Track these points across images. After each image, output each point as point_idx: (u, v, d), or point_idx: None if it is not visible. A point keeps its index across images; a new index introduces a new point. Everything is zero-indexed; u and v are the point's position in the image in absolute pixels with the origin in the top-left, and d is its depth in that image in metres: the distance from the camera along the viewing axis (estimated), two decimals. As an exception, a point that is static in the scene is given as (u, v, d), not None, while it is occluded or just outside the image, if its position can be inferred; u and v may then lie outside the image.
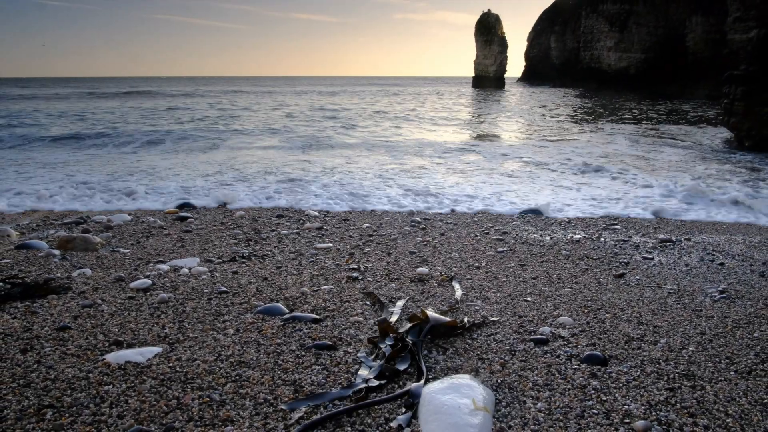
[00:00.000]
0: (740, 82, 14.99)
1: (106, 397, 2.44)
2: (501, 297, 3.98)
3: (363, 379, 2.64)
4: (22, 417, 2.27)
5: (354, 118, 26.27)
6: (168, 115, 27.23)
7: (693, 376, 2.77)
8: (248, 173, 10.84)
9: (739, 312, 3.79)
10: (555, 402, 2.48)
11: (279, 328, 3.29)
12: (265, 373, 2.70)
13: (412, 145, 16.64)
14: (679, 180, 10.31)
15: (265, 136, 18.70)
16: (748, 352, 3.09)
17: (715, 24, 47.78)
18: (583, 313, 3.67)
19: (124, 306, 3.64)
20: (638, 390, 2.61)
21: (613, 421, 2.33)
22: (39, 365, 2.73)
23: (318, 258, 5.00)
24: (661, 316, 3.65)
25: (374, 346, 3.00)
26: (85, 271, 4.41)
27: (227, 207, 7.76)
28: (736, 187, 9.73)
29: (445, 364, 2.86)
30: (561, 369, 2.80)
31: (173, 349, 2.97)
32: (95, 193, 8.67)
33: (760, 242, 5.95)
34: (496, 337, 3.22)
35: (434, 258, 5.08)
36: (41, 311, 3.50)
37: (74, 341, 3.04)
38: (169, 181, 9.92)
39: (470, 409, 2.30)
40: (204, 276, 4.35)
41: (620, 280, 4.50)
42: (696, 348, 3.13)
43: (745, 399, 2.56)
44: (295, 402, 2.43)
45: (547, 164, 12.72)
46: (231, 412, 2.34)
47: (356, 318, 3.48)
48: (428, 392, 2.44)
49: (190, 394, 2.48)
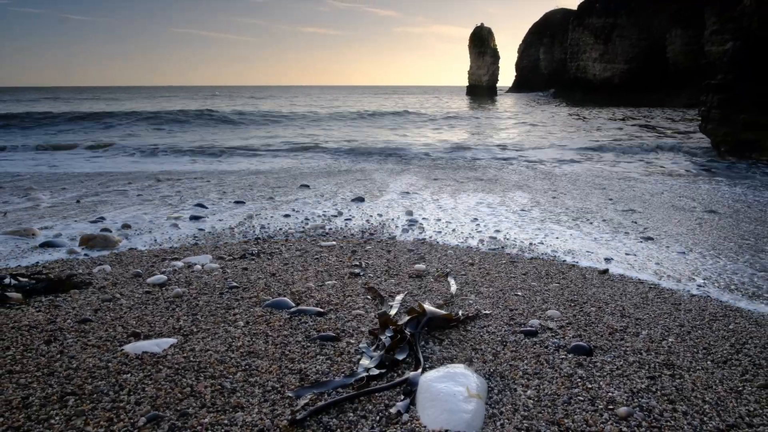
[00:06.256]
0: (717, 91, 14.99)
1: (124, 385, 2.45)
2: (493, 291, 3.98)
3: (364, 368, 2.64)
4: (46, 404, 2.28)
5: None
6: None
7: (672, 365, 2.77)
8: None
9: (716, 305, 3.79)
10: (543, 389, 2.48)
11: (286, 320, 3.29)
12: (273, 362, 2.70)
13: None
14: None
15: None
16: (724, 343, 3.09)
17: (693, 36, 47.76)
18: (570, 306, 3.67)
19: (142, 300, 3.64)
20: (621, 378, 2.61)
21: (597, 408, 2.33)
22: (62, 355, 2.73)
23: (322, 255, 5.00)
24: (642, 309, 3.65)
25: (375, 338, 3.00)
26: (105, 268, 4.41)
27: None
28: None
29: (441, 354, 2.86)
30: (549, 359, 2.80)
31: (187, 340, 2.97)
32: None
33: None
34: (488, 329, 3.22)
35: (431, 255, 5.07)
36: (64, 305, 3.50)
37: (95, 333, 3.04)
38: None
39: (464, 396, 2.30)
40: (216, 272, 4.35)
41: (604, 276, 4.49)
42: (675, 339, 3.13)
43: (721, 387, 2.56)
44: (300, 390, 2.43)
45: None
46: (241, 399, 2.34)
47: (358, 311, 3.48)
48: (425, 380, 2.44)
49: (203, 383, 2.48)
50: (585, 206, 7.92)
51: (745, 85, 14.31)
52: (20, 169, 12.14)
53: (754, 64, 14.28)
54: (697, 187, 10.26)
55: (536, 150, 17.53)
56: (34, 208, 7.40)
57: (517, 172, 12.29)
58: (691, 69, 46.69)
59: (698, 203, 8.40)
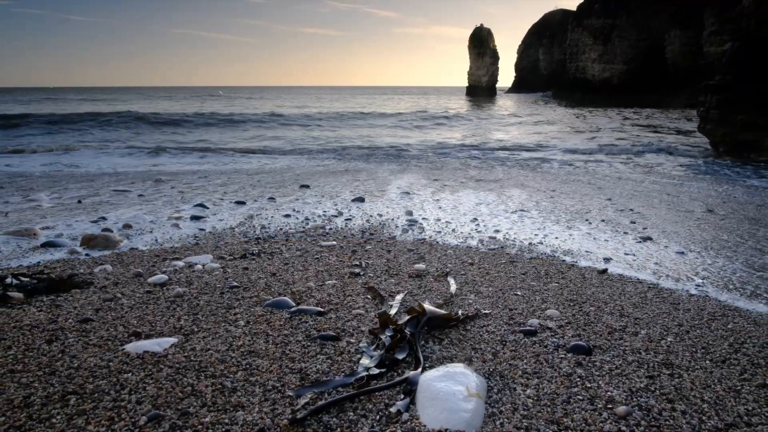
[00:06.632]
0: (715, 92, 14.99)
1: (125, 384, 2.44)
2: (493, 291, 3.98)
3: (364, 367, 2.64)
4: (48, 403, 2.28)
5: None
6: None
7: (671, 364, 2.77)
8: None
9: (714, 305, 3.79)
10: (543, 389, 2.47)
11: (286, 320, 3.28)
12: (274, 362, 2.70)
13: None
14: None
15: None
16: (723, 343, 3.09)
17: (692, 37, 47.78)
18: (569, 306, 3.66)
19: (143, 300, 3.64)
20: (620, 377, 2.60)
21: (597, 407, 2.33)
22: (63, 355, 2.73)
23: (323, 255, 4.99)
24: (641, 309, 3.65)
25: (375, 337, 3.00)
26: (106, 267, 4.41)
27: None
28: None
29: (440, 353, 2.86)
30: (548, 358, 2.80)
31: (188, 339, 2.97)
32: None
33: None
34: (488, 328, 3.22)
35: (430, 255, 5.07)
36: (65, 304, 3.50)
37: (96, 332, 3.04)
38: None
39: (464, 396, 2.30)
40: (216, 272, 4.34)
41: (603, 276, 4.49)
42: (674, 338, 3.13)
43: (720, 386, 2.56)
44: (301, 389, 2.43)
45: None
46: (242, 398, 2.34)
47: (358, 311, 3.47)
48: (425, 380, 2.44)
49: (203, 382, 2.48)
50: (584, 206, 7.91)
51: (743, 85, 14.31)
52: (25, 169, 12.15)
53: (753, 64, 14.27)
54: (696, 187, 10.27)
55: (535, 150, 17.54)
56: (35, 208, 7.40)
57: (516, 172, 12.30)
58: (690, 69, 46.72)
59: (697, 203, 8.40)
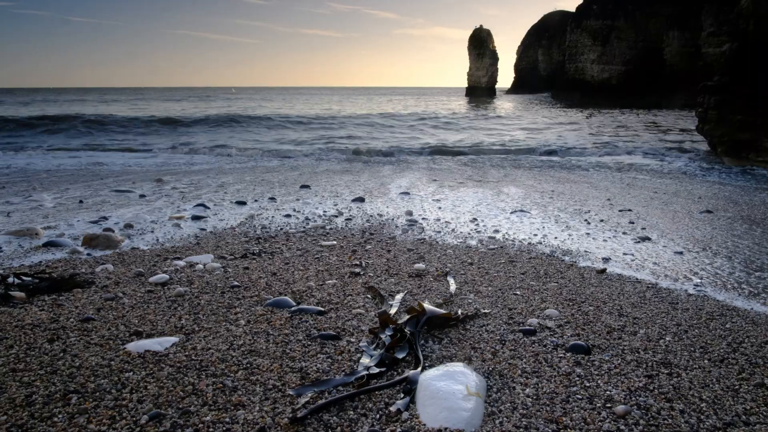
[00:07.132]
0: (713, 92, 14.99)
1: (126, 383, 2.44)
2: (492, 291, 3.98)
3: (364, 366, 2.64)
4: (50, 402, 2.27)
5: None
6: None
7: (670, 364, 2.77)
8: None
9: (712, 305, 3.79)
10: (542, 388, 2.48)
11: (287, 319, 3.28)
12: (274, 361, 2.70)
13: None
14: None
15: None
16: (721, 342, 3.09)
17: (690, 38, 47.85)
18: (569, 305, 3.66)
19: (144, 299, 3.64)
20: (619, 377, 2.61)
21: (595, 406, 2.33)
22: (65, 354, 2.73)
23: (323, 255, 4.99)
24: (640, 308, 3.65)
25: (375, 336, 3.00)
26: (108, 267, 4.41)
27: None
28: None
29: (440, 352, 2.86)
30: (548, 357, 2.80)
31: (189, 339, 2.97)
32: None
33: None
34: (487, 327, 3.22)
35: (430, 255, 5.07)
36: (67, 304, 3.50)
37: (97, 332, 3.04)
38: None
39: (464, 395, 2.30)
40: (217, 271, 4.34)
41: (602, 276, 4.49)
42: (672, 338, 3.13)
43: (718, 385, 2.56)
44: (301, 388, 2.43)
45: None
46: (242, 397, 2.34)
47: (358, 310, 3.47)
48: (425, 379, 2.44)
49: (204, 381, 2.48)
50: (583, 206, 7.91)
51: (741, 86, 14.31)
52: (26, 164, 12.15)
53: (751, 65, 14.28)
54: (694, 187, 10.27)
55: (535, 150, 17.54)
56: (37, 208, 7.40)
57: (515, 172, 12.30)
58: (688, 70, 46.77)
59: (695, 203, 8.40)
